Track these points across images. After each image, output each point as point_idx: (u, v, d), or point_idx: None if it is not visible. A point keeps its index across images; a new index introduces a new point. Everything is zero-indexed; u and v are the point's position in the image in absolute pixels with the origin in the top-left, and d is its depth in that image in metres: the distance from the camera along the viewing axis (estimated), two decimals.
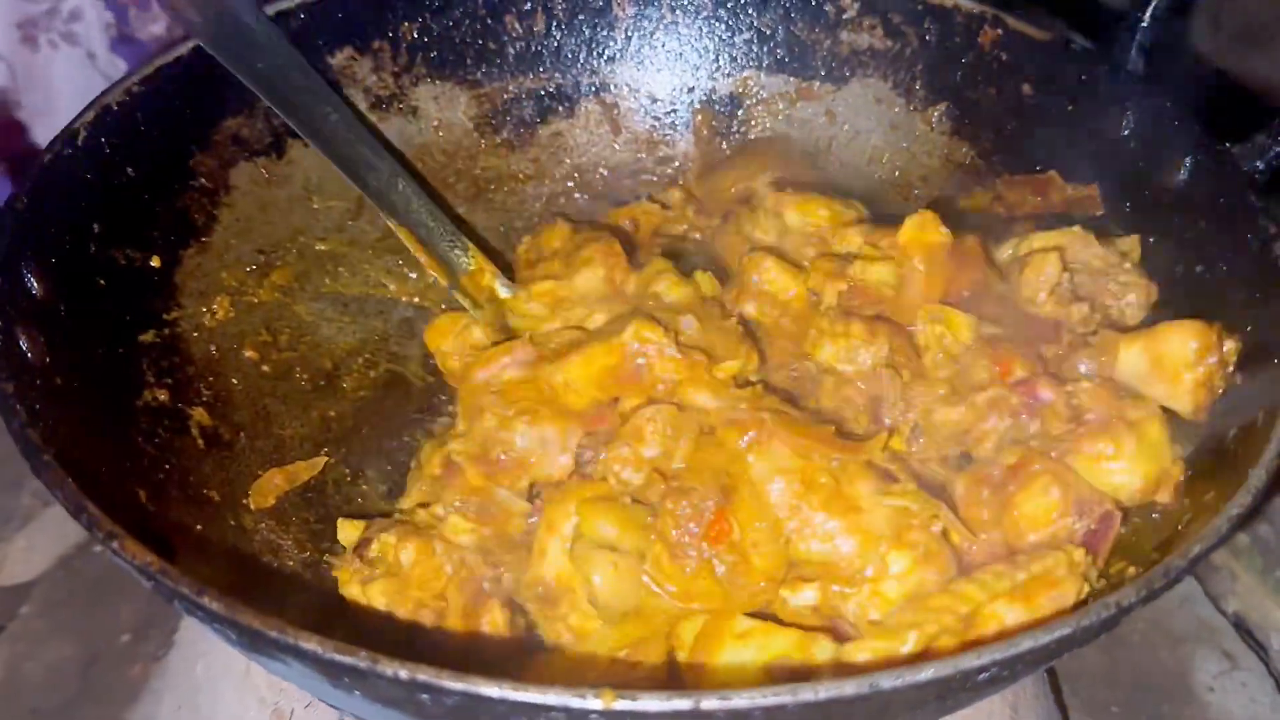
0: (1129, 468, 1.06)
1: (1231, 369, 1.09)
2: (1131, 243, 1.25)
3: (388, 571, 1.08)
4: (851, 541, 1.02)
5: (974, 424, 1.12)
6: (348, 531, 1.16)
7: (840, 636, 1.00)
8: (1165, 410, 1.11)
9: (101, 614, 1.82)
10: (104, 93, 1.21)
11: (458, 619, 1.05)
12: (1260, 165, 1.14)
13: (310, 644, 0.76)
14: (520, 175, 1.55)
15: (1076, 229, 1.23)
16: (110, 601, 1.83)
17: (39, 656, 1.76)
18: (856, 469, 1.04)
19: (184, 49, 1.27)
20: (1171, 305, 1.18)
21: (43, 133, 1.97)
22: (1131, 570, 1.00)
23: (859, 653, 0.96)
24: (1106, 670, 1.73)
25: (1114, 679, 1.72)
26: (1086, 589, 1.00)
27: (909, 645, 0.95)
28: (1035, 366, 1.13)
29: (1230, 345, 1.09)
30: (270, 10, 1.35)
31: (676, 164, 1.58)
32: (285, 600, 1.09)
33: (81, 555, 1.90)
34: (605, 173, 1.56)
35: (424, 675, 0.74)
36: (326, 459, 1.27)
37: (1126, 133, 1.26)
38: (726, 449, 1.06)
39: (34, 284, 1.05)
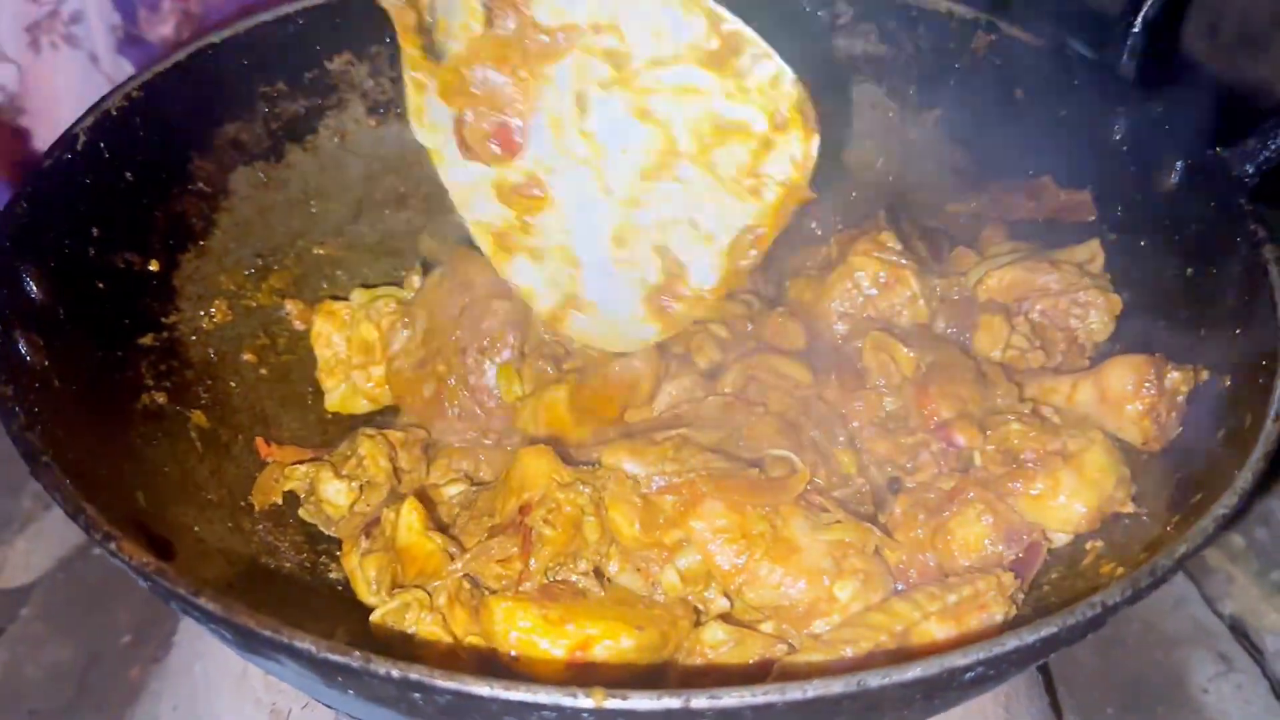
0: (1069, 502, 1.09)
1: (1183, 397, 1.11)
2: (1091, 249, 1.27)
3: (384, 546, 1.11)
4: (799, 583, 1.04)
5: (901, 458, 1.15)
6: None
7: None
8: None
9: (101, 617, 1.83)
10: (103, 98, 1.22)
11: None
12: (1250, 169, 1.15)
13: (304, 644, 0.77)
14: None
15: (1027, 261, 1.25)
16: (109, 604, 1.84)
17: (38, 658, 1.77)
18: (789, 510, 1.06)
19: (183, 54, 1.28)
20: (1162, 309, 1.18)
21: (44, 137, 1.97)
22: (1120, 570, 1.01)
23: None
24: (1101, 672, 1.73)
25: (1109, 680, 1.73)
26: (1013, 611, 1.03)
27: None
28: (962, 408, 1.15)
29: (1176, 375, 1.11)
30: (270, 15, 1.36)
31: None
32: (283, 601, 1.10)
33: (81, 558, 1.90)
34: None
35: (416, 674, 0.75)
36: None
37: (1119, 137, 1.26)
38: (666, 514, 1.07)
39: (33, 287, 1.06)
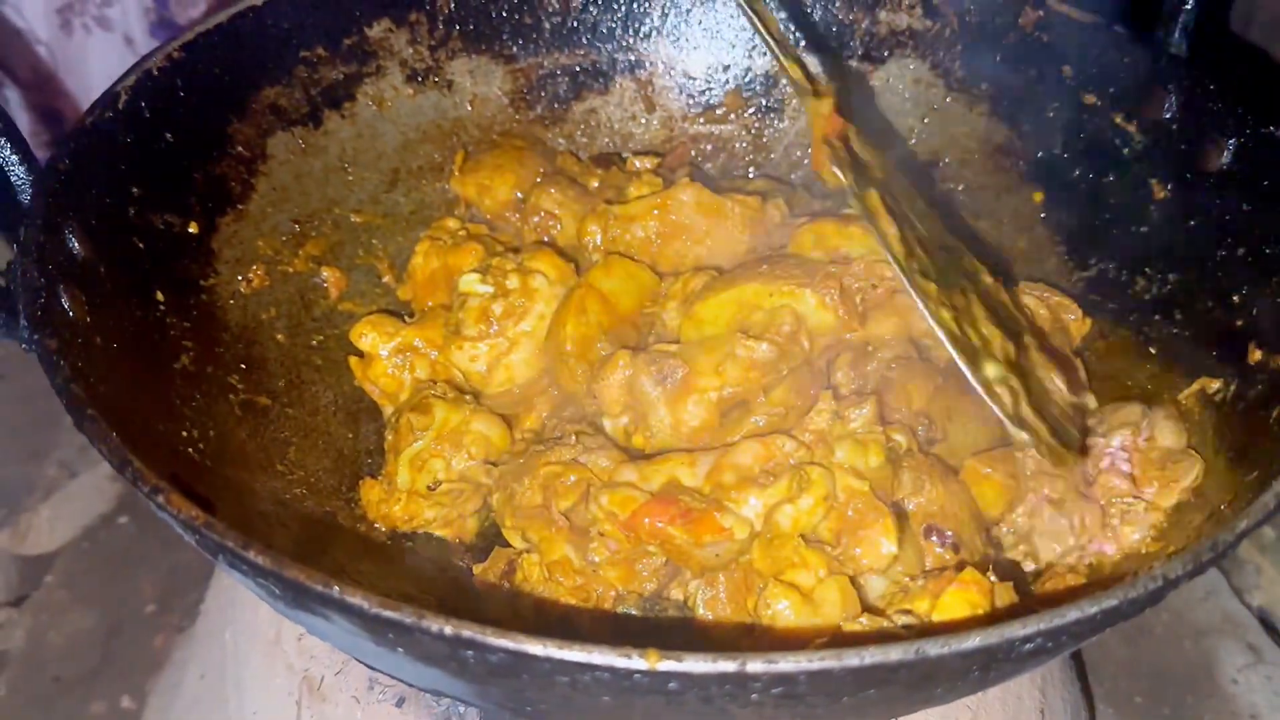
0: None
1: None
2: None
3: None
4: None
5: None
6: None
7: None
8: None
9: (124, 585, 1.84)
10: (145, 57, 1.21)
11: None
12: None
13: (356, 599, 0.76)
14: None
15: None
16: (133, 573, 1.85)
17: (62, 626, 1.78)
18: None
19: (224, 16, 1.27)
20: (1214, 288, 1.17)
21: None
22: (1171, 548, 1.00)
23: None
24: (1131, 660, 1.73)
25: (1138, 669, 1.72)
26: None
27: None
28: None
29: None
30: None
31: (709, 146, 1.57)
32: (318, 564, 1.09)
33: (105, 527, 1.91)
34: (639, 150, 1.55)
35: (469, 632, 0.74)
36: None
37: (1169, 115, 1.25)
38: None
39: (75, 244, 1.05)
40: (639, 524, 1.05)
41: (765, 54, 1.52)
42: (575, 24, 1.50)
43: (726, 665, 0.73)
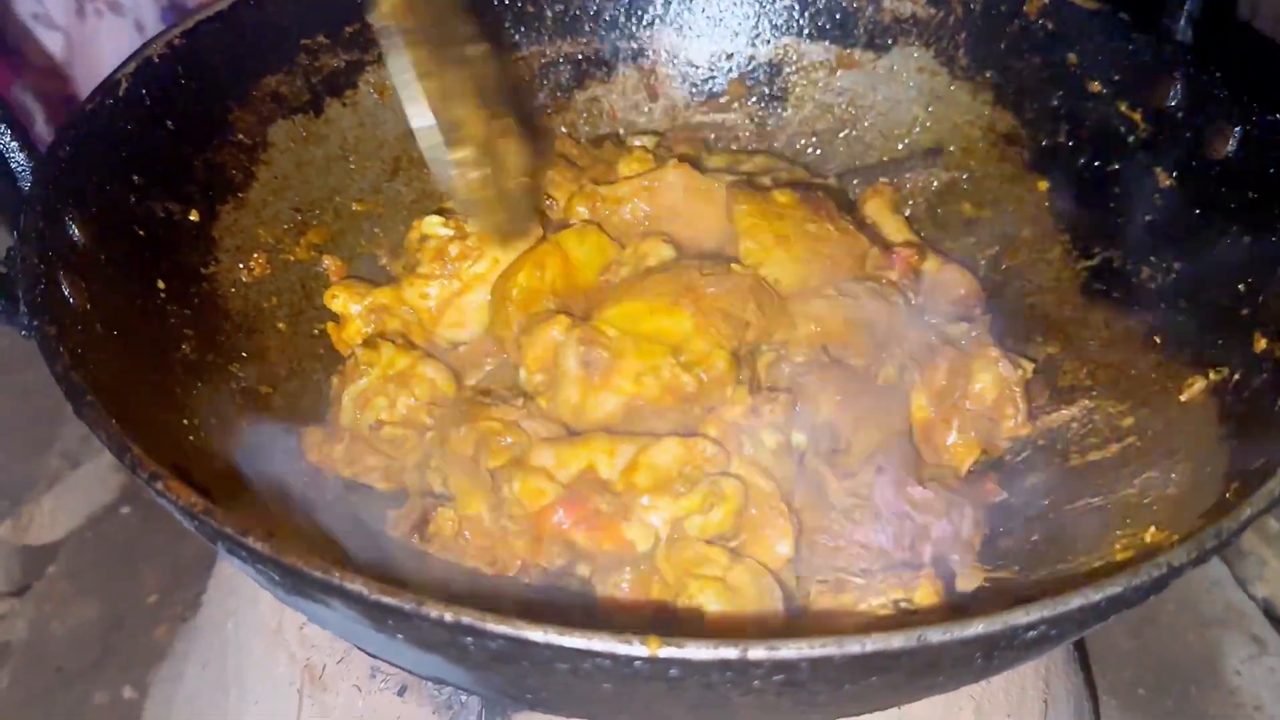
0: None
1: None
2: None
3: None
4: None
5: None
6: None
7: None
8: None
9: (127, 576, 1.84)
10: (145, 44, 1.21)
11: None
12: None
13: (355, 585, 0.76)
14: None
15: None
16: (136, 564, 1.85)
17: (64, 617, 1.78)
18: None
19: (225, 3, 1.27)
20: (1219, 277, 1.16)
21: None
22: (1174, 538, 0.99)
23: None
24: (1134, 652, 1.73)
25: (1142, 661, 1.72)
26: None
27: None
28: None
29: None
30: None
31: (713, 134, 1.57)
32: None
33: (108, 518, 1.92)
34: (642, 138, 1.54)
35: (468, 618, 0.74)
36: None
37: (1174, 103, 1.24)
38: None
39: (75, 231, 1.05)
40: (544, 521, 1.05)
41: (769, 42, 1.52)
42: (578, 12, 1.50)
43: (728, 652, 0.73)
